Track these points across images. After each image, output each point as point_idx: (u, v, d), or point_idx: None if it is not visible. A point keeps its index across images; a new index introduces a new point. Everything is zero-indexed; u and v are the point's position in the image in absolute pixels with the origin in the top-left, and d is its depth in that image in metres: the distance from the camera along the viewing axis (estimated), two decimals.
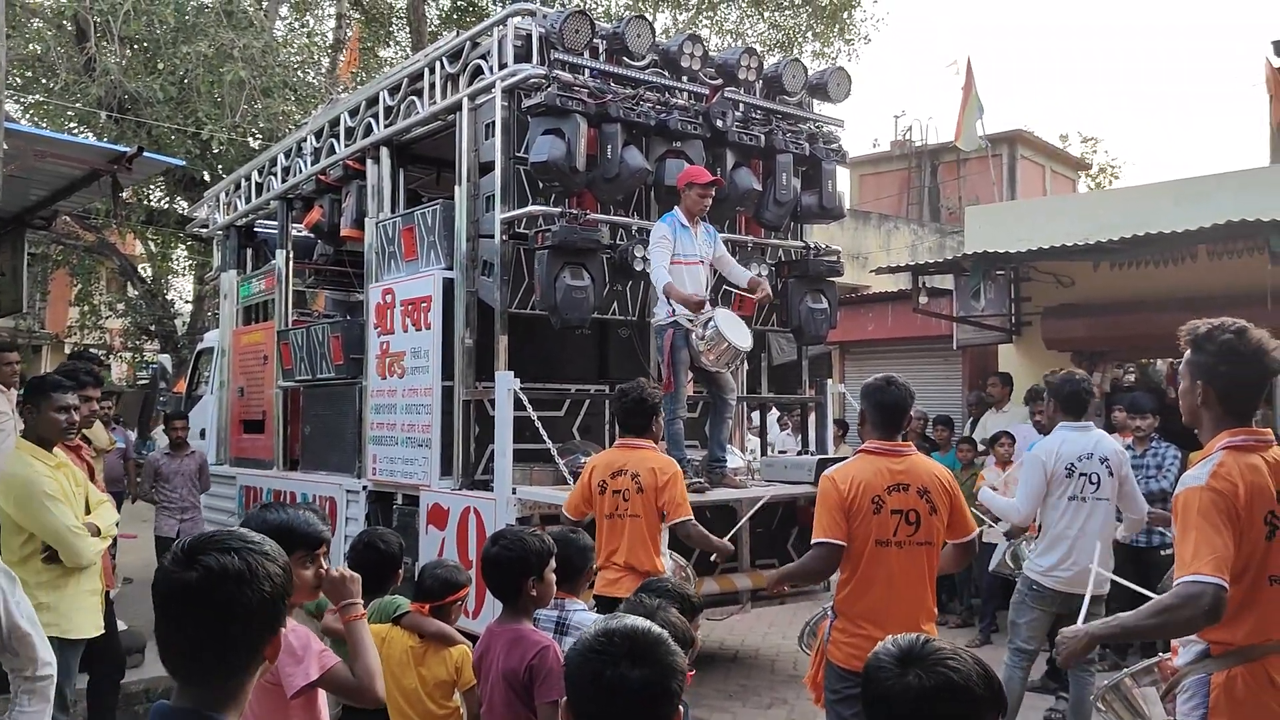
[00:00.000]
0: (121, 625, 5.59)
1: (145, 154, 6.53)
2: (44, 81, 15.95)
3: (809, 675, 4.07)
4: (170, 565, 1.61)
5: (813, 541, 3.78)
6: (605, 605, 4.40)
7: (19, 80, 15.41)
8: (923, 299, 10.48)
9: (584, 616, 3.36)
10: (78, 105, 14.61)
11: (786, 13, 20.15)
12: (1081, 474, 5.07)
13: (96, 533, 4.21)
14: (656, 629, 1.71)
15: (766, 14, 20.32)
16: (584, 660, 1.67)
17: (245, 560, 1.60)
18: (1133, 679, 2.95)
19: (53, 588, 4.07)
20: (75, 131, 15.05)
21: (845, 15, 19.88)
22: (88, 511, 4.29)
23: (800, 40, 20.24)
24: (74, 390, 4.27)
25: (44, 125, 14.50)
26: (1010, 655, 5.20)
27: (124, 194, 7.22)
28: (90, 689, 5.13)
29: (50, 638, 4.00)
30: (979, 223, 11.45)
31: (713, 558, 5.50)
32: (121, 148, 6.58)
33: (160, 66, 14.25)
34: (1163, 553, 6.60)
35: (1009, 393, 9.50)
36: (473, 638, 3.76)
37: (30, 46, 15.56)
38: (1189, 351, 2.79)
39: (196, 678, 1.62)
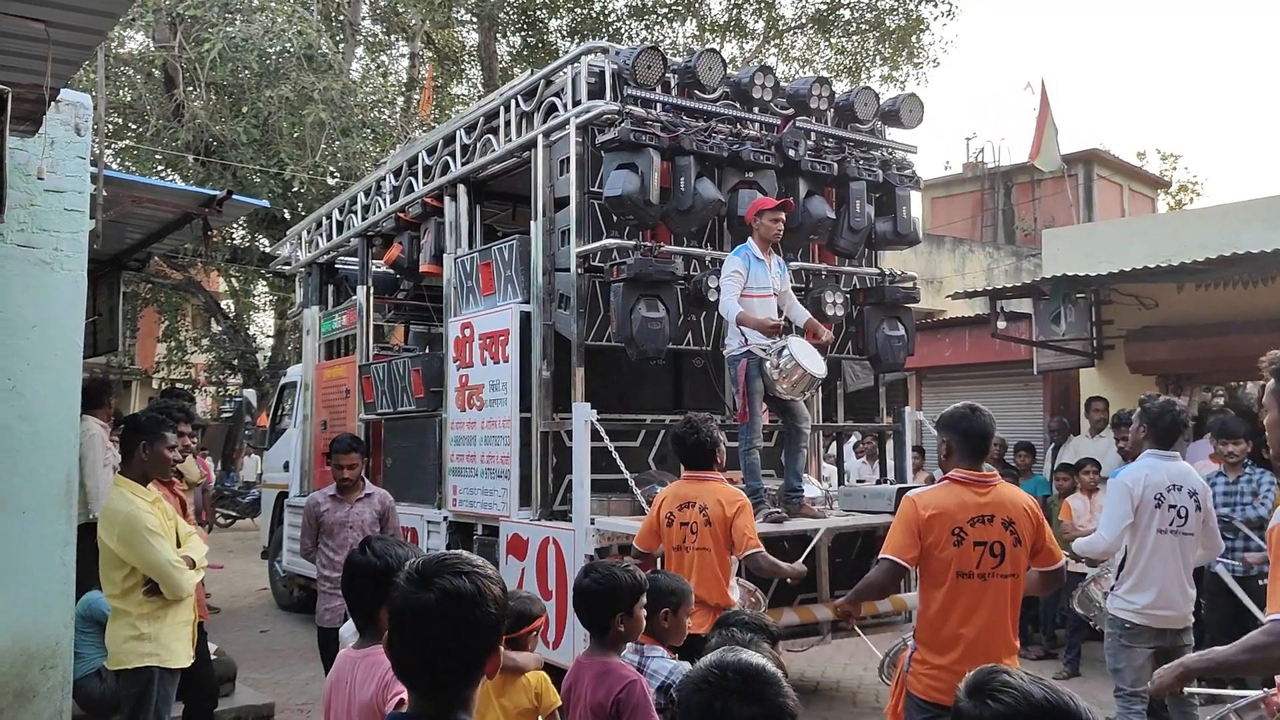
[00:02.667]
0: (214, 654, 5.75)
1: (234, 197, 6.76)
2: (134, 127, 16.62)
3: (889, 707, 4.02)
4: (407, 585, 1.75)
5: (879, 556, 3.77)
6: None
7: (111, 126, 16.07)
8: (1001, 323, 10.33)
9: (662, 664, 3.34)
10: (166, 150, 15.18)
11: (854, 38, 20.13)
12: (1171, 505, 4.87)
13: (192, 565, 4.36)
14: (772, 668, 1.73)
15: (834, 40, 20.31)
16: (695, 689, 1.70)
17: (475, 583, 1.74)
18: (1238, 715, 2.88)
19: (153, 619, 4.22)
20: (163, 174, 15.66)
21: (914, 39, 19.78)
22: (178, 544, 4.44)
23: (868, 65, 20.20)
24: (180, 422, 4.48)
25: (133, 169, 15.10)
26: (1120, 705, 4.96)
27: (213, 235, 7.46)
28: (184, 717, 5.28)
29: (151, 667, 4.16)
30: (1057, 245, 11.26)
31: (789, 581, 5.44)
32: (212, 191, 6.83)
33: (244, 110, 14.76)
34: (1260, 582, 6.38)
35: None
36: (554, 669, 3.79)
37: (121, 94, 16.23)
38: (1272, 381, 2.74)
39: (430, 689, 1.77)
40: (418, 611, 1.73)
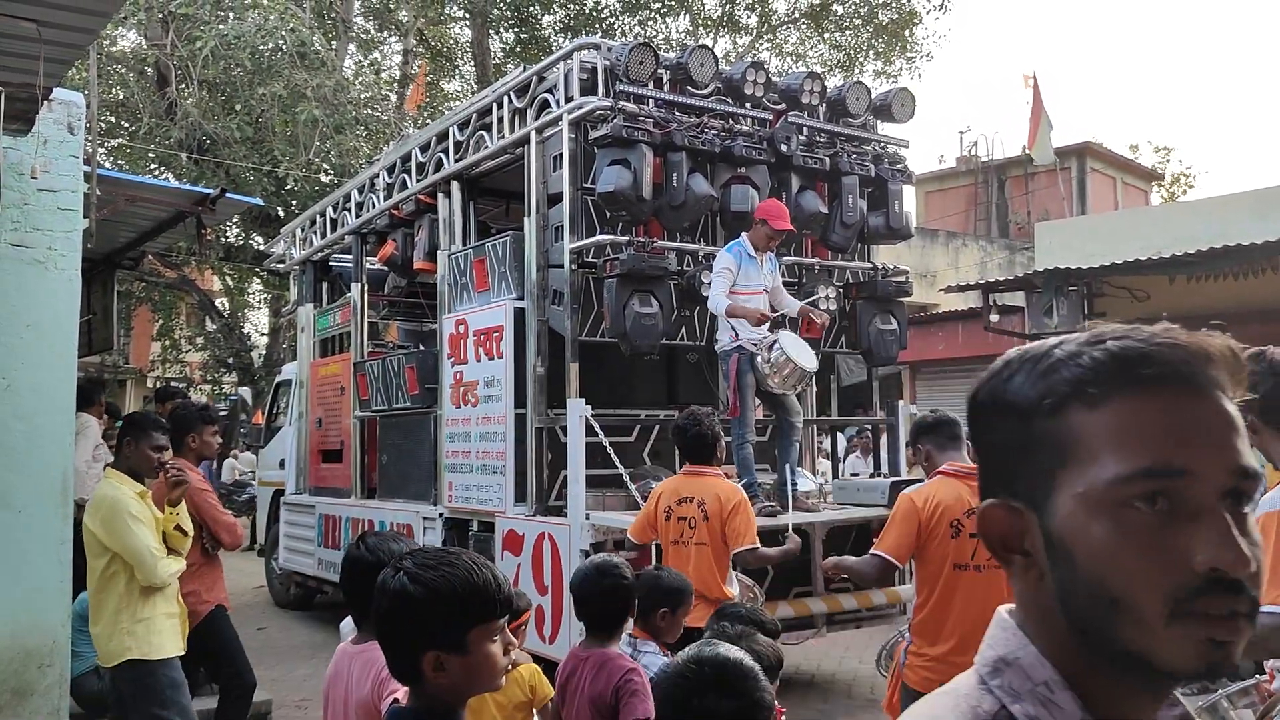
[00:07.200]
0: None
1: (227, 195, 6.77)
2: (127, 126, 16.58)
3: (886, 699, 4.05)
4: (384, 578, 1.80)
5: (872, 551, 3.79)
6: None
7: (104, 125, 16.03)
8: (994, 317, 10.38)
9: (654, 659, 3.36)
10: (160, 148, 15.15)
11: (847, 33, 20.13)
12: None
13: (182, 533, 4.40)
14: (749, 662, 1.73)
15: (827, 35, 20.31)
16: (673, 685, 1.71)
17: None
18: (1229, 701, 2.90)
19: (132, 614, 4.20)
20: (156, 173, 15.63)
21: (907, 33, 19.79)
22: (165, 540, 4.44)
23: (862, 60, 20.20)
24: (168, 432, 4.51)
25: (126, 168, 15.07)
26: None
27: (207, 233, 7.47)
28: (223, 697, 5.19)
29: (139, 660, 4.17)
30: (1050, 238, 11.31)
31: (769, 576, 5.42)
32: (206, 189, 6.84)
33: (237, 108, 14.75)
34: None
35: None
36: (546, 663, 3.81)
37: (114, 92, 16.19)
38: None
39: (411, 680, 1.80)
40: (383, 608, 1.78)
